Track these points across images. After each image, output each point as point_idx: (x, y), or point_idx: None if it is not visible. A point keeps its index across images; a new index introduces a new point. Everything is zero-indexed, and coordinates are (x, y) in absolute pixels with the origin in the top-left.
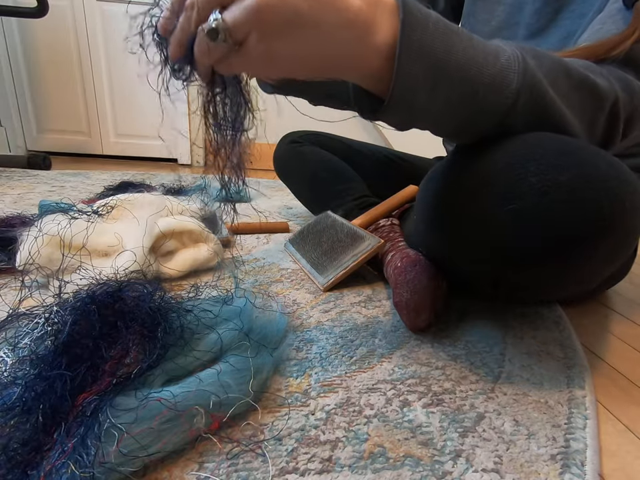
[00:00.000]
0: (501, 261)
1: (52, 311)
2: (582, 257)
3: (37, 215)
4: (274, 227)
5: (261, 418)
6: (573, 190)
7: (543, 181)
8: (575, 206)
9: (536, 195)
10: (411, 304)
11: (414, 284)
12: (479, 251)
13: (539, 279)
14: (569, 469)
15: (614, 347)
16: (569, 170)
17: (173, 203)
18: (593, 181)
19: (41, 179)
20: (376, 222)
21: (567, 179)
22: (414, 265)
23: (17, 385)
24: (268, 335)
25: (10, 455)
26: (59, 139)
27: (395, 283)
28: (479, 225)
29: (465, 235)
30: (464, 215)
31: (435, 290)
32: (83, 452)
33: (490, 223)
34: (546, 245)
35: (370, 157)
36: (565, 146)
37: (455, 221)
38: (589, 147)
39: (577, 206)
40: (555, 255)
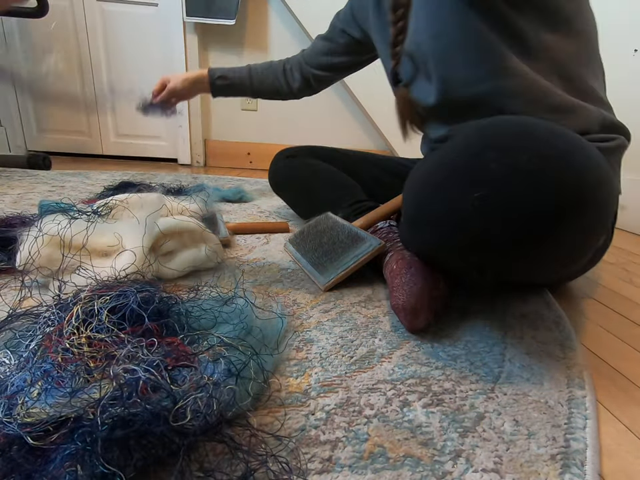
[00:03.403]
0: (478, 249)
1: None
2: (556, 236)
3: (37, 214)
4: (274, 227)
5: (260, 418)
6: (532, 171)
7: (503, 166)
8: (537, 186)
9: (498, 181)
10: (407, 306)
11: (409, 286)
12: (455, 241)
13: (519, 260)
14: (569, 468)
15: (614, 346)
16: (527, 151)
17: (173, 203)
18: (551, 159)
19: (41, 179)
20: (375, 224)
21: (526, 161)
22: (409, 267)
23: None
24: (268, 335)
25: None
26: (59, 139)
27: (391, 286)
28: (451, 217)
29: (441, 228)
30: (437, 208)
31: (432, 290)
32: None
33: (460, 213)
34: (517, 228)
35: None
36: (521, 128)
37: (431, 216)
38: (547, 124)
39: (539, 186)
40: (527, 236)
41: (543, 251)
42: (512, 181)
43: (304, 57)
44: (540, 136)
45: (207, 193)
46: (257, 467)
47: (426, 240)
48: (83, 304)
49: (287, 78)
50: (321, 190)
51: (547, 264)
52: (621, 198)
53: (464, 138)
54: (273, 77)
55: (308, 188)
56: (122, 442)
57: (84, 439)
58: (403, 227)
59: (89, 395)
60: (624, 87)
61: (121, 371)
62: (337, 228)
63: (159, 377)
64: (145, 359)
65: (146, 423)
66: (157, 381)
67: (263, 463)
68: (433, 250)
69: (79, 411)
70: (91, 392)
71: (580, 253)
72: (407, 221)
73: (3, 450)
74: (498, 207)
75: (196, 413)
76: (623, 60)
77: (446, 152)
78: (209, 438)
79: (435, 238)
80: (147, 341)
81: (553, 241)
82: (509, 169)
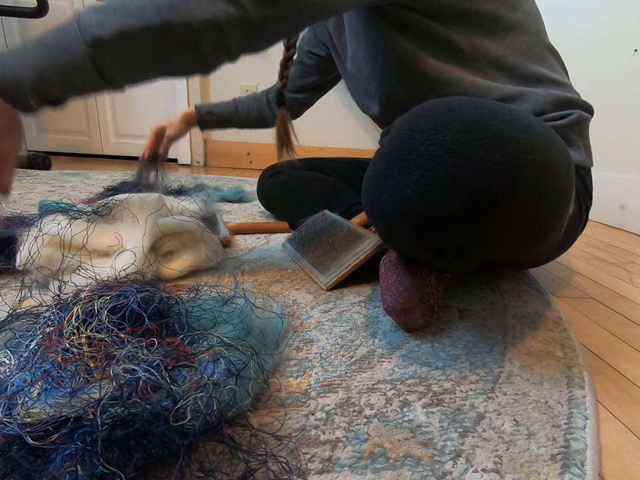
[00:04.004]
0: (427, 232)
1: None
2: (500, 207)
3: (37, 214)
4: (274, 227)
5: (260, 418)
6: (458, 146)
7: (430, 146)
8: (466, 160)
9: (428, 161)
10: (397, 307)
11: (395, 287)
12: (405, 229)
13: (471, 238)
14: (569, 468)
15: (614, 346)
16: (451, 128)
17: (173, 203)
18: (475, 132)
19: (40, 179)
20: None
21: (450, 137)
22: (394, 268)
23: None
24: (268, 335)
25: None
26: (58, 139)
27: (381, 289)
28: (395, 205)
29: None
30: (382, 200)
31: (421, 288)
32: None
33: (401, 199)
34: (457, 204)
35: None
36: (446, 106)
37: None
38: (470, 100)
39: (468, 160)
40: (469, 210)
41: (491, 223)
42: (441, 159)
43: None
44: (463, 111)
45: (207, 193)
46: (256, 466)
47: (384, 233)
48: (83, 304)
49: (271, 107)
50: (313, 200)
51: (503, 238)
52: (621, 198)
53: (395, 128)
54: (258, 108)
55: (300, 200)
56: (122, 442)
57: (84, 439)
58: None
59: (89, 395)
60: (624, 87)
61: (121, 370)
62: (335, 226)
63: (159, 377)
64: (145, 359)
65: (146, 423)
66: (157, 380)
67: (263, 463)
68: (392, 242)
69: (79, 411)
70: (90, 392)
71: (539, 224)
72: (368, 217)
73: (3, 450)
74: (433, 187)
75: (196, 412)
76: (623, 60)
77: (383, 144)
78: (208, 438)
79: (388, 229)
80: (147, 341)
81: (499, 213)
82: (436, 148)
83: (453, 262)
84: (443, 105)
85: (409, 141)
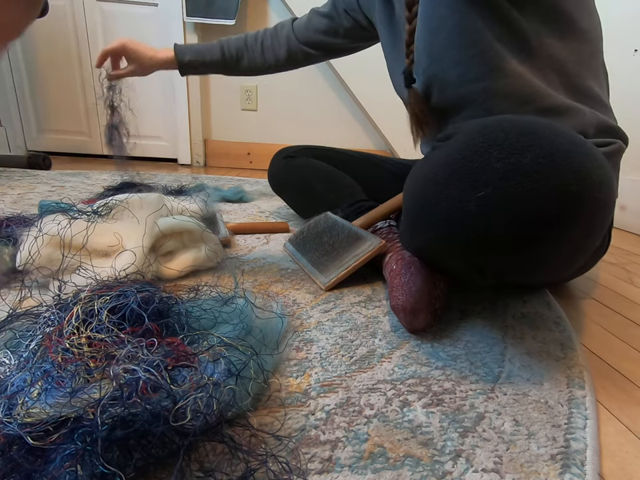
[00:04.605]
0: (481, 249)
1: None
2: (558, 236)
3: (37, 214)
4: (274, 227)
5: (260, 418)
6: (536, 171)
7: (507, 165)
8: (541, 186)
9: (501, 180)
10: (407, 306)
11: (409, 286)
12: (458, 242)
13: (521, 261)
14: (569, 468)
15: (614, 346)
16: (531, 151)
17: (173, 203)
18: (556, 159)
19: (41, 179)
20: (375, 223)
21: (529, 161)
22: (408, 267)
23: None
24: (268, 335)
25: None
26: (58, 139)
27: (391, 286)
28: (455, 216)
29: (444, 228)
30: (439, 209)
31: (431, 291)
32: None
33: (464, 212)
34: (519, 228)
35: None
36: (526, 127)
37: (432, 217)
38: (550, 124)
39: (543, 186)
40: (530, 236)
41: (544, 251)
42: (516, 181)
43: (295, 31)
44: (544, 135)
45: (207, 193)
46: (256, 466)
47: (428, 240)
48: (83, 304)
49: (266, 54)
50: (320, 190)
51: (548, 264)
52: (621, 198)
53: (467, 137)
54: (250, 55)
55: (308, 188)
56: (122, 442)
57: (84, 439)
58: (404, 227)
59: (89, 395)
60: (624, 87)
61: (121, 370)
62: (337, 227)
63: (159, 377)
64: (145, 359)
65: (146, 423)
66: (157, 380)
67: (263, 463)
68: (434, 250)
69: (79, 411)
70: (91, 392)
71: (580, 254)
72: (409, 221)
73: (2, 450)
74: (501, 207)
75: (196, 412)
76: (623, 60)
77: (449, 151)
78: (208, 438)
79: (437, 238)
80: (147, 341)
81: (554, 241)
82: (512, 168)
83: (490, 278)
84: (523, 125)
85: (484, 155)
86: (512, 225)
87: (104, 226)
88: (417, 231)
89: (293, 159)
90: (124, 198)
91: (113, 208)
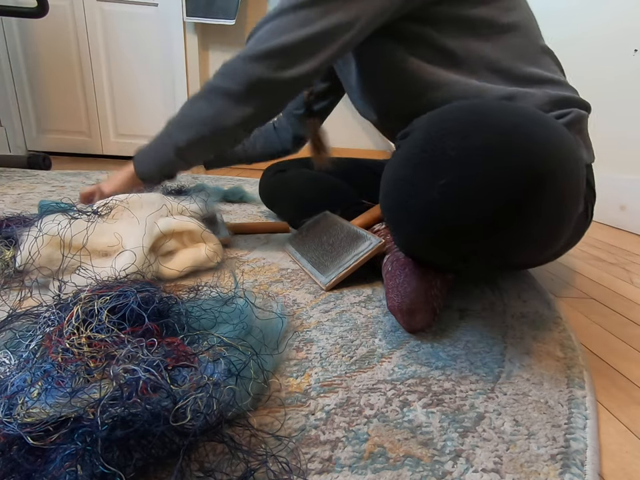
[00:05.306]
0: (455, 235)
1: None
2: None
3: (37, 214)
4: (274, 227)
5: (260, 418)
6: (491, 151)
7: (460, 151)
8: (497, 162)
9: (458, 167)
10: (403, 307)
11: (403, 287)
12: (432, 232)
13: (498, 240)
14: (569, 469)
15: (614, 346)
16: (481, 131)
17: (173, 203)
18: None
19: (41, 179)
20: (374, 223)
21: (481, 140)
22: (403, 268)
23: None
24: (268, 335)
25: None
26: (59, 139)
27: (387, 287)
28: (424, 208)
29: (417, 222)
30: (408, 205)
31: (427, 290)
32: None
33: (431, 203)
34: (487, 207)
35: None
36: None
37: (404, 214)
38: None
39: (499, 162)
40: (498, 214)
41: (520, 227)
42: (472, 163)
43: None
44: (493, 114)
45: (206, 192)
46: (256, 466)
47: (407, 236)
48: (83, 304)
49: (279, 134)
50: (315, 198)
51: (527, 240)
52: (621, 198)
53: (423, 131)
54: (264, 137)
55: (302, 198)
56: (122, 442)
57: (84, 439)
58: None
59: (89, 395)
60: (624, 87)
61: (121, 370)
62: (337, 227)
63: (159, 377)
64: (145, 359)
65: (146, 423)
66: (157, 380)
67: (263, 463)
68: (415, 245)
69: (79, 410)
70: (91, 392)
71: (558, 227)
72: (388, 222)
73: (2, 450)
74: (465, 191)
75: (196, 412)
76: (623, 60)
77: (408, 147)
78: (208, 438)
79: (413, 233)
80: (147, 341)
81: (526, 217)
82: (466, 152)
83: (474, 265)
84: (472, 109)
85: (439, 144)
86: (478, 206)
87: (104, 226)
88: (397, 230)
89: (284, 172)
90: (124, 198)
91: (113, 208)
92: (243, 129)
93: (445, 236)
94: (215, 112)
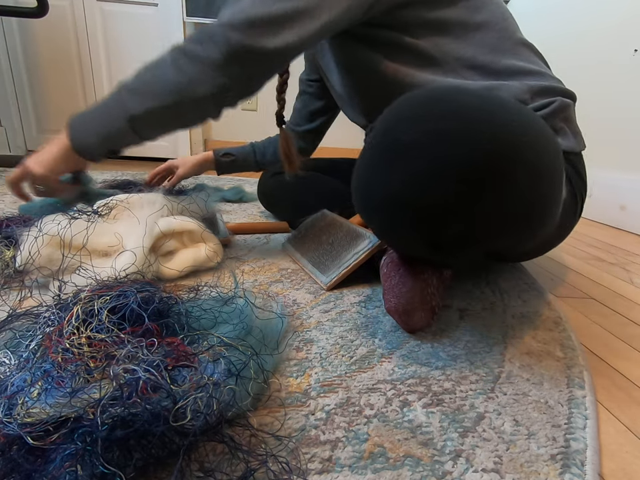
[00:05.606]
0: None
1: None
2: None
3: (37, 215)
4: (274, 227)
5: (260, 418)
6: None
7: (412, 135)
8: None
9: (411, 151)
10: (399, 308)
11: (399, 288)
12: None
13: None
14: (569, 469)
15: (614, 346)
16: (435, 115)
17: (173, 203)
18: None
19: None
20: None
21: (434, 126)
22: (397, 268)
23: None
24: (268, 335)
25: None
26: None
27: (384, 288)
28: (387, 198)
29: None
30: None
31: (424, 289)
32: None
33: (392, 191)
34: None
35: None
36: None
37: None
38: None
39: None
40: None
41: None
42: (425, 146)
43: (291, 121)
44: (451, 98)
45: (206, 193)
46: (256, 466)
47: (378, 229)
48: (83, 304)
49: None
50: (313, 199)
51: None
52: (621, 198)
53: (379, 122)
54: (274, 148)
55: (300, 200)
56: (122, 442)
57: (84, 439)
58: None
59: (89, 395)
60: (624, 87)
61: (121, 370)
62: (335, 225)
63: (159, 377)
64: (145, 359)
65: (146, 423)
66: (157, 380)
67: (263, 463)
68: (387, 238)
69: (79, 410)
70: (91, 392)
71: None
72: (361, 217)
73: (2, 450)
74: (420, 176)
75: (196, 412)
76: (623, 60)
77: (369, 141)
78: (208, 438)
79: (382, 224)
80: (147, 341)
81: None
82: (418, 136)
83: (450, 255)
84: (428, 95)
85: (392, 132)
86: (434, 189)
87: (104, 226)
88: (370, 223)
89: (280, 175)
90: (124, 198)
91: (113, 208)
92: (214, 102)
93: (406, 221)
94: (185, 79)
